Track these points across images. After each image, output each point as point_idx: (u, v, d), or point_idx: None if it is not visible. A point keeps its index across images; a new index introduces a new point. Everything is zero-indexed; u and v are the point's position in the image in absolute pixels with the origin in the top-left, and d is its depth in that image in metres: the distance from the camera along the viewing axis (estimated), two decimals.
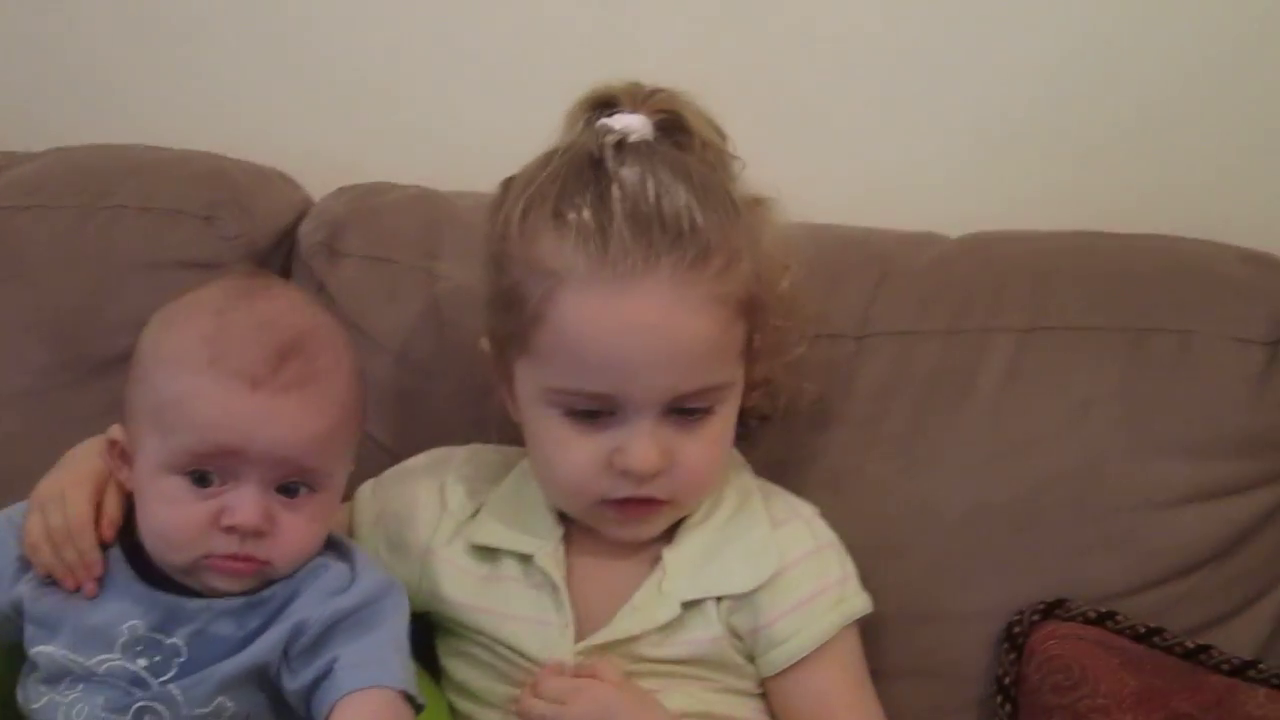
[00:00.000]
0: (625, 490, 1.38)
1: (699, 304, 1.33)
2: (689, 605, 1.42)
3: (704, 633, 1.42)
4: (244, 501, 1.28)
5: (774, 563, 1.43)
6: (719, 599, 1.42)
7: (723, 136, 1.45)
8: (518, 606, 1.45)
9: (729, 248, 1.35)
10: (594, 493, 1.39)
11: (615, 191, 1.34)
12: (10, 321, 1.70)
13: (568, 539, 1.46)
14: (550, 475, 1.42)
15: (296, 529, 1.31)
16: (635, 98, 1.42)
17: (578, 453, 1.38)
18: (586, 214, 1.33)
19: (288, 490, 1.31)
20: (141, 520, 1.33)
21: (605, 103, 1.43)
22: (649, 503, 1.40)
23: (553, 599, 1.43)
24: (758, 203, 1.44)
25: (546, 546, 1.45)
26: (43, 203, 1.75)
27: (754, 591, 1.42)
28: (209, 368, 1.28)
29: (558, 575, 1.43)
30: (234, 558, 1.29)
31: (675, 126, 1.42)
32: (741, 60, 1.79)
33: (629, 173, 1.35)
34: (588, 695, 1.34)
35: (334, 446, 1.33)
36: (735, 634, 1.43)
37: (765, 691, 1.45)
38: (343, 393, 1.33)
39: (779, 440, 1.55)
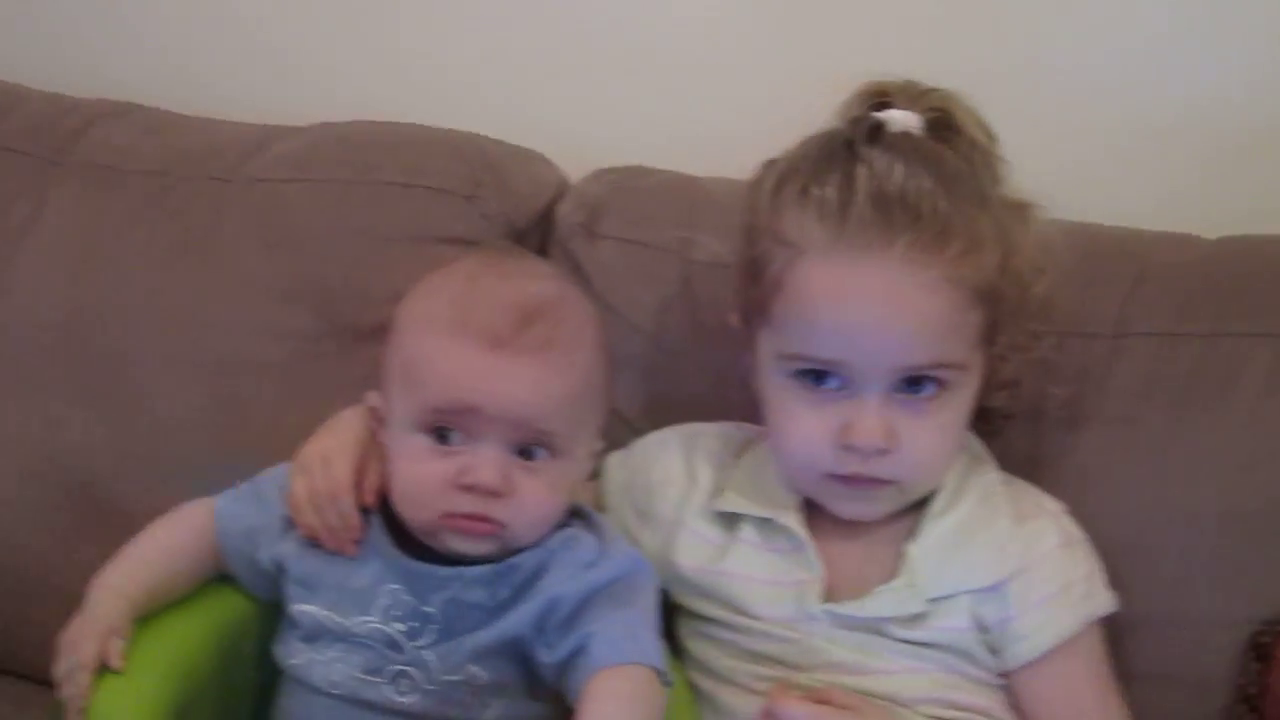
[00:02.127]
0: (851, 466, 1.40)
1: (932, 283, 1.35)
2: (935, 599, 1.43)
3: (950, 622, 1.43)
4: (483, 460, 1.32)
5: (1017, 556, 1.43)
6: (968, 592, 1.43)
7: (992, 138, 1.45)
8: (754, 568, 1.47)
9: (970, 235, 1.36)
10: (821, 465, 1.41)
11: (861, 172, 1.37)
12: (275, 290, 1.73)
13: (806, 515, 1.48)
14: (782, 445, 1.44)
15: (535, 493, 1.34)
16: (909, 95, 1.44)
17: (807, 423, 1.40)
18: (830, 190, 1.37)
19: (527, 453, 1.34)
20: (390, 479, 1.38)
21: (879, 98, 1.44)
22: (874, 481, 1.41)
23: (798, 558, 1.45)
24: (1021, 207, 1.44)
25: (787, 513, 1.47)
26: (310, 176, 1.78)
27: (1002, 584, 1.42)
28: (454, 328, 1.33)
29: (803, 532, 1.45)
30: (472, 517, 1.33)
31: (945, 125, 1.43)
32: (1006, 60, 1.77)
33: (878, 156, 1.38)
34: None
35: (573, 412, 1.35)
36: (982, 626, 1.43)
37: (1007, 684, 1.44)
38: (584, 362, 1.36)
39: (1029, 437, 1.55)
